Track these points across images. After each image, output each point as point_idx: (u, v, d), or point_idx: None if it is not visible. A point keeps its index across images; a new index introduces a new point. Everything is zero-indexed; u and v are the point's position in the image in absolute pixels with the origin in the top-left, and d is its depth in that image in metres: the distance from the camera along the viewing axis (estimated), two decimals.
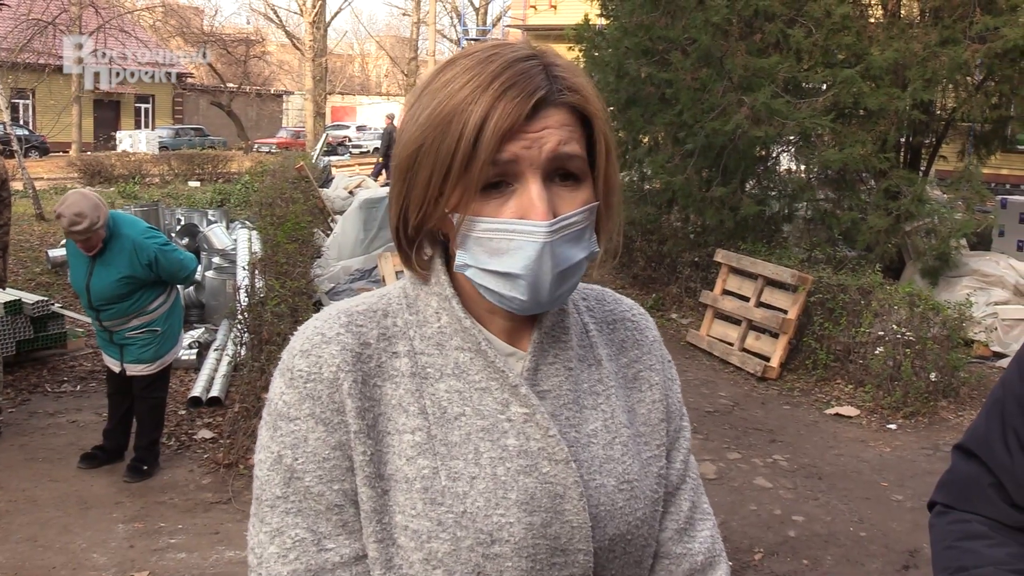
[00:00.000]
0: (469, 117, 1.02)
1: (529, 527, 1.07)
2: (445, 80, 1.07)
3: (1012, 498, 1.34)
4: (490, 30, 36.97)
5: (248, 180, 19.08)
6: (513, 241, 1.04)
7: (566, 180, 1.07)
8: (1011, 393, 1.37)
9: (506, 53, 1.07)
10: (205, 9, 46.47)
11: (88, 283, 5.27)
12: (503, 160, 1.03)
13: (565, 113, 1.06)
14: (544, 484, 1.08)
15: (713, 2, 9.50)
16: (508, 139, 1.03)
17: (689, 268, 10.69)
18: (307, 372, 1.10)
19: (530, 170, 1.04)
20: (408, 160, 1.08)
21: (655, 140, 11.07)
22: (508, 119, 1.02)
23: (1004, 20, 8.99)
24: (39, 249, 11.91)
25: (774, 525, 5.22)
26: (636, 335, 1.28)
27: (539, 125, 1.04)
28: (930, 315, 7.47)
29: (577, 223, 1.07)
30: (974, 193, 9.73)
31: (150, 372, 5.49)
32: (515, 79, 1.03)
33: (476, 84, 1.03)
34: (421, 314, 1.15)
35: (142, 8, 34.10)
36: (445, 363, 1.12)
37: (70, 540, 4.71)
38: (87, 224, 5.03)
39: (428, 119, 1.06)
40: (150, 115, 45.33)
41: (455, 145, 1.03)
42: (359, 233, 11.09)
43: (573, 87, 1.07)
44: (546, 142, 1.04)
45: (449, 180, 1.05)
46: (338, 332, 1.12)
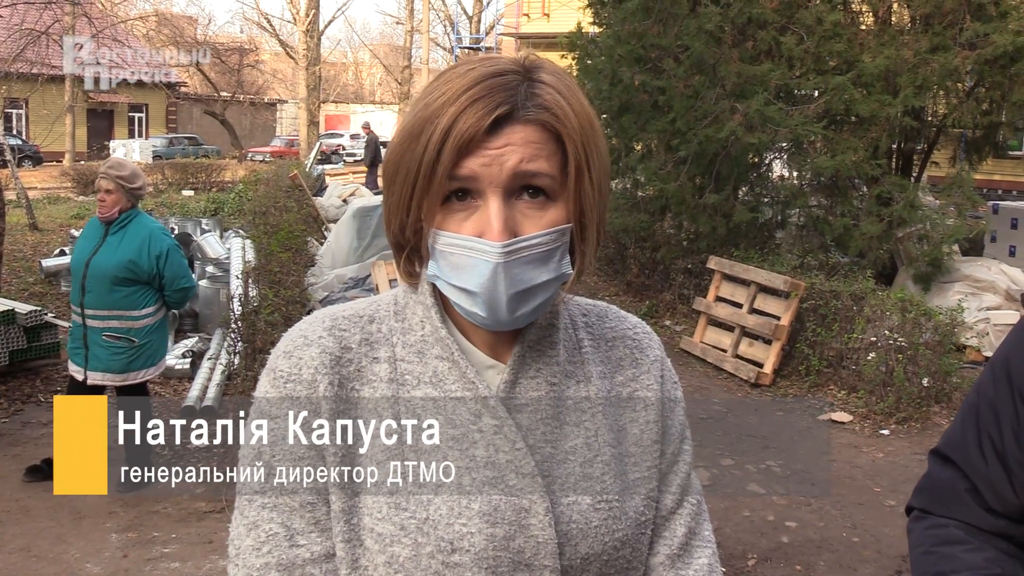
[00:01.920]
0: (435, 129, 1.03)
1: (491, 538, 1.07)
2: (429, 90, 1.08)
3: (988, 503, 1.35)
4: (483, 38, 37.01)
5: (242, 189, 19.06)
6: (470, 258, 1.05)
7: (535, 196, 1.07)
8: (985, 398, 1.39)
9: (487, 66, 1.07)
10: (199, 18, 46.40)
11: (91, 259, 5.24)
12: (461, 176, 1.04)
13: (534, 130, 1.05)
14: (509, 497, 1.08)
15: (706, 9, 9.53)
16: (467, 153, 1.03)
17: (682, 275, 10.70)
18: (287, 373, 1.12)
19: (490, 188, 1.04)
20: (391, 168, 1.10)
21: (648, 147, 11.09)
22: (466, 133, 1.02)
23: (994, 27, 9.02)
24: (32, 259, 11.90)
25: (767, 531, 5.22)
26: (636, 354, 1.26)
27: (501, 141, 1.04)
28: (922, 321, 7.49)
29: (538, 245, 1.06)
30: (966, 199, 9.74)
31: (114, 384, 5.35)
32: (482, 93, 1.03)
33: (449, 95, 1.04)
34: (407, 321, 1.17)
35: (136, 17, 34.12)
36: (424, 371, 1.13)
37: (64, 550, 4.70)
38: (124, 173, 5.20)
39: (405, 128, 1.08)
40: (144, 124, 45.25)
41: (422, 156, 1.04)
42: (353, 242, 11.08)
43: (546, 104, 1.06)
44: (507, 160, 1.04)
45: (416, 191, 1.06)
46: (320, 336, 1.14)
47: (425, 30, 40.13)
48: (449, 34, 46.31)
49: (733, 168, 10.10)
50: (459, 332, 1.16)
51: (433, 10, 44.99)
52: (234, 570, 1.12)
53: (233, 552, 1.12)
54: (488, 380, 1.14)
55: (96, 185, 5.38)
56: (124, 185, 5.22)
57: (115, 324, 5.30)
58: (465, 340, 1.16)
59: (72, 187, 23.15)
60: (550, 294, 1.10)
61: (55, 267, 10.61)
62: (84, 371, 5.35)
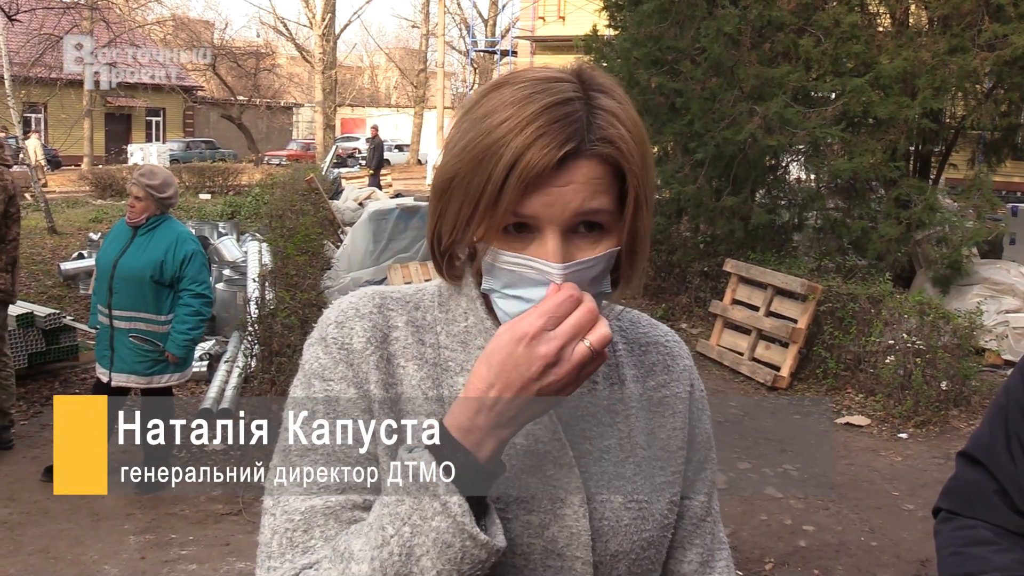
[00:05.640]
0: (500, 159, 1.02)
1: (526, 525, 1.09)
2: (487, 110, 1.06)
3: (1016, 504, 1.35)
4: (499, 41, 37.01)
5: (258, 192, 19.13)
6: (530, 276, 1.06)
7: (591, 230, 1.07)
8: (1014, 401, 1.38)
9: (550, 91, 1.05)
10: (215, 22, 46.64)
11: (119, 259, 5.29)
12: (524, 214, 1.04)
13: (597, 165, 1.05)
14: (546, 486, 1.10)
15: (724, 12, 9.51)
16: (533, 188, 1.03)
17: (699, 278, 10.67)
18: (340, 340, 1.15)
19: (550, 226, 1.05)
20: (443, 186, 1.09)
21: (665, 150, 11.06)
22: (535, 169, 1.02)
23: (1013, 28, 8.97)
24: (51, 262, 11.95)
25: (784, 535, 5.20)
26: (667, 360, 1.28)
27: (566, 178, 1.03)
28: (941, 324, 7.44)
29: (592, 267, 1.07)
30: (985, 201, 9.69)
31: (139, 386, 5.38)
32: (550, 125, 1.02)
33: (513, 124, 1.03)
34: (451, 312, 1.18)
35: (153, 22, 34.31)
36: (467, 359, 1.15)
37: (82, 552, 4.72)
38: (155, 183, 5.28)
39: (464, 150, 1.06)
40: (161, 128, 45.48)
41: (484, 185, 1.04)
42: (369, 245, 11.11)
43: (609, 138, 1.05)
44: (570, 201, 1.04)
45: (476, 216, 1.06)
46: (371, 311, 1.17)
47: (440, 33, 40.14)
48: (464, 37, 46.38)
49: (750, 171, 10.08)
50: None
51: (448, 14, 45.10)
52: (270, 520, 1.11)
53: (270, 502, 1.12)
54: None
55: (128, 190, 5.47)
56: (154, 194, 5.30)
57: (142, 327, 5.34)
58: None
59: (91, 191, 23.29)
60: None
61: (74, 270, 10.65)
62: (109, 373, 5.39)
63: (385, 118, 50.83)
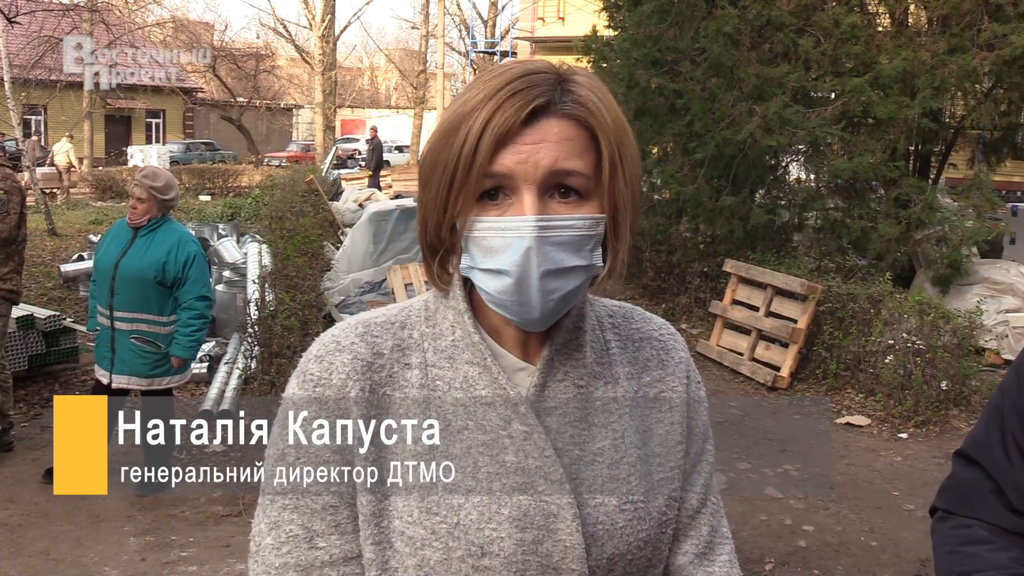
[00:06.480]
0: (472, 124, 1.04)
1: (520, 543, 1.08)
2: (467, 89, 1.09)
3: (1012, 503, 1.35)
4: (499, 42, 37.01)
5: (258, 194, 19.12)
6: (503, 239, 1.06)
7: (567, 196, 1.07)
8: (1010, 400, 1.39)
9: (525, 66, 1.08)
10: (215, 24, 46.67)
11: (120, 260, 5.28)
12: (497, 173, 1.04)
13: (569, 126, 1.06)
14: (539, 502, 1.10)
15: (723, 12, 9.52)
16: (502, 146, 1.04)
17: (698, 278, 10.67)
18: (318, 376, 1.14)
19: (525, 185, 1.05)
20: (427, 166, 1.11)
21: (664, 150, 11.06)
22: (503, 126, 1.03)
23: (1012, 27, 8.97)
24: (51, 264, 11.96)
25: (785, 535, 5.20)
26: (661, 355, 1.27)
27: (536, 136, 1.04)
28: (940, 323, 7.44)
29: (571, 228, 1.07)
30: (985, 201, 9.69)
31: (139, 387, 5.37)
32: (519, 87, 1.04)
33: (485, 92, 1.05)
34: (438, 327, 1.18)
35: (153, 23, 34.32)
36: (455, 376, 1.14)
37: (82, 553, 4.72)
38: (157, 184, 5.29)
39: (442, 126, 1.08)
40: (161, 130, 45.45)
41: (459, 152, 1.05)
42: (369, 246, 11.10)
43: (581, 100, 1.07)
44: (542, 157, 1.04)
45: (453, 188, 1.07)
46: (352, 341, 1.16)
47: (440, 35, 40.10)
48: (464, 39, 46.35)
49: (750, 171, 10.07)
50: (490, 336, 1.17)
51: (448, 15, 45.05)
52: (254, 566, 1.14)
53: (254, 548, 1.15)
54: (518, 382, 1.15)
55: (130, 192, 5.48)
56: (156, 196, 5.31)
57: (144, 328, 5.33)
58: (496, 344, 1.17)
59: (90, 192, 23.29)
60: (580, 283, 1.11)
61: (74, 272, 10.66)
62: (110, 375, 5.37)
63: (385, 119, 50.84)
